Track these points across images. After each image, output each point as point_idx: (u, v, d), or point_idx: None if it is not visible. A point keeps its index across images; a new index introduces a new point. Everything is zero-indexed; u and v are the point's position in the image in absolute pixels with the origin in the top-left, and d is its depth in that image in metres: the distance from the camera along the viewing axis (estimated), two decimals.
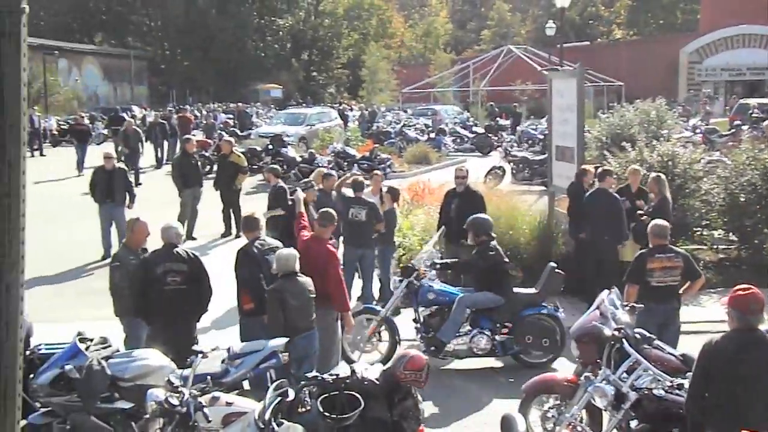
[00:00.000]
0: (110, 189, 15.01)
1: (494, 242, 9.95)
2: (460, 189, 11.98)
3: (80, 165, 26.88)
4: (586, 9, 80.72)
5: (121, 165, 17.38)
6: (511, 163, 24.37)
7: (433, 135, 34.04)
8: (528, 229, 13.01)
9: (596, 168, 12.60)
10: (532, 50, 51.59)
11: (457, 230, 11.64)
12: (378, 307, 10.41)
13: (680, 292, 8.42)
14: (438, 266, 10.23)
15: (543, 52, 49.07)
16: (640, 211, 11.59)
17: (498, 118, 41.79)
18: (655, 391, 6.18)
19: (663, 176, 11.80)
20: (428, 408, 6.70)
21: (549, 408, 7.16)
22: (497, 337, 9.65)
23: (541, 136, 29.54)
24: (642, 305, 7.55)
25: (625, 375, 6.36)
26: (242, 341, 8.17)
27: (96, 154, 23.55)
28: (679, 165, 13.50)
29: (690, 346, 6.79)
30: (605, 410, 6.42)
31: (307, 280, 8.05)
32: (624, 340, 6.44)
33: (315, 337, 8.05)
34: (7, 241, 2.75)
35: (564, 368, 8.89)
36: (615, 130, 17.52)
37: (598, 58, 51.58)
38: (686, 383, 5.72)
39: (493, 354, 9.62)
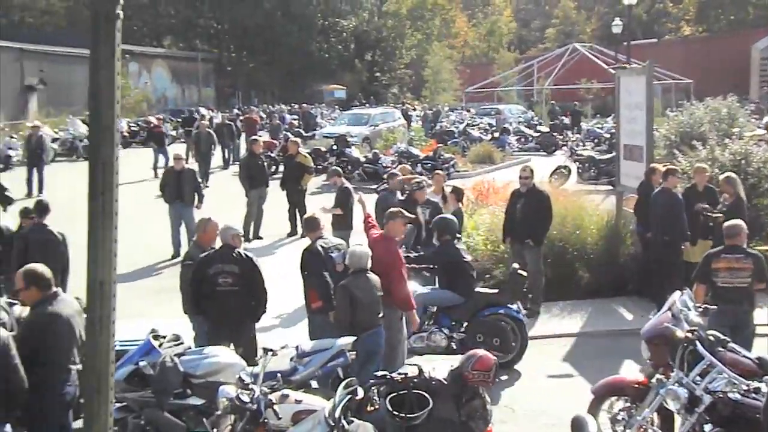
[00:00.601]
0: (180, 189, 15.29)
1: (458, 243, 10.18)
2: (524, 189, 11.87)
3: (155, 168, 26.72)
4: (654, 6, 79.26)
5: (190, 166, 17.68)
6: (577, 163, 24.08)
7: (496, 134, 33.86)
8: (595, 229, 12.84)
9: (664, 167, 12.37)
10: (598, 48, 50.91)
11: (522, 231, 11.58)
12: None
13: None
14: None
15: (609, 50, 48.37)
16: (708, 211, 11.31)
17: (563, 117, 41.32)
18: (730, 395, 6.04)
19: (735, 175, 11.53)
20: (495, 409, 6.66)
21: (619, 410, 7.05)
22: (455, 335, 9.71)
23: (608, 135, 29.13)
24: (715, 306, 7.39)
25: (698, 378, 6.23)
26: (310, 339, 8.26)
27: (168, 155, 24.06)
28: (752, 164, 13.18)
29: (766, 349, 6.62)
30: (678, 413, 6.31)
31: (375, 278, 8.10)
32: (697, 342, 6.31)
33: (381, 334, 8.08)
34: (102, 238, 2.83)
35: (631, 370, 8.76)
36: (684, 129, 17.17)
37: (666, 55, 50.56)
38: (763, 387, 5.59)
39: (451, 351, 9.32)
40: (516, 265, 10.29)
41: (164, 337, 7.69)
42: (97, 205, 2.85)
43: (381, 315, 8.06)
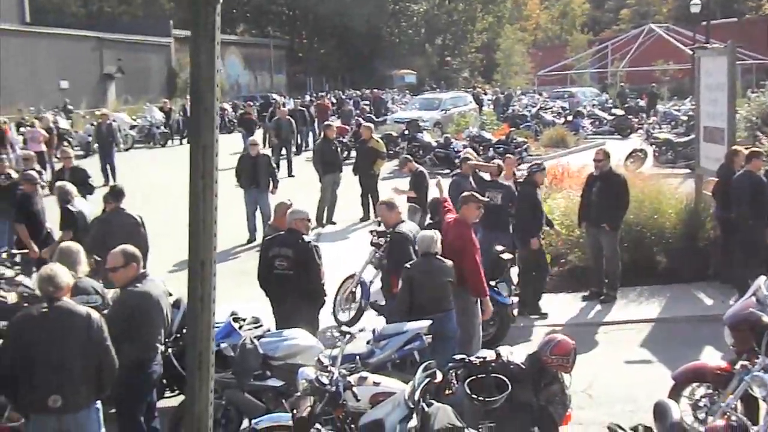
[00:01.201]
0: (255, 175, 15.50)
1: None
2: (599, 173, 11.67)
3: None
4: None
5: (265, 151, 17.91)
6: (654, 146, 23.58)
7: (570, 118, 33.40)
8: (673, 213, 12.59)
9: (747, 149, 12.04)
10: (675, 28, 49.70)
11: (597, 215, 11.42)
12: None
13: None
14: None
15: (687, 30, 47.16)
16: None
17: (638, 100, 40.48)
18: None
19: None
20: (573, 394, 6.60)
21: (701, 397, 6.94)
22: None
23: (685, 117, 28.46)
24: None
25: None
26: (387, 323, 8.32)
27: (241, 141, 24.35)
28: None
29: None
30: (764, 400, 6.17)
31: (445, 263, 8.08)
32: None
33: (451, 319, 8.01)
34: (203, 219, 2.91)
35: (712, 356, 8.60)
36: (766, 110, 16.69)
37: (747, 34, 49.02)
38: None
39: None
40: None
41: (244, 320, 7.86)
42: (197, 188, 2.92)
43: (448, 300, 8.01)
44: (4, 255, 9.94)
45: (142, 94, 46.50)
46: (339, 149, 18.71)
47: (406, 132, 26.71)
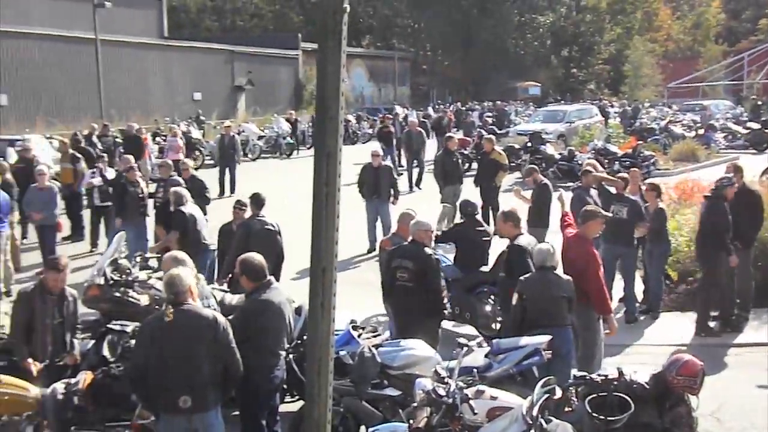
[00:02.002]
0: (377, 185, 15.65)
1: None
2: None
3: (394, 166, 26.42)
4: None
5: (387, 162, 18.05)
6: None
7: (701, 131, 32.26)
8: None
9: None
10: None
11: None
12: None
13: None
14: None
15: None
16: None
17: None
18: None
19: None
20: (700, 418, 6.35)
21: None
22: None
23: None
24: None
25: None
26: (503, 336, 8.22)
27: (364, 152, 24.57)
28: None
29: None
30: None
31: (561, 278, 7.93)
32: None
33: (562, 336, 7.72)
34: (325, 226, 2.96)
35: None
36: None
37: None
38: None
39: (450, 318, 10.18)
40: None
41: (363, 328, 7.95)
42: (321, 194, 2.97)
43: (563, 316, 7.81)
44: (138, 258, 10.41)
45: (270, 105, 47.79)
46: (460, 161, 18.65)
47: (529, 144, 26.43)
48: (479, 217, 11.43)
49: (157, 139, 29.04)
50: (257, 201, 10.35)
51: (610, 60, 76.00)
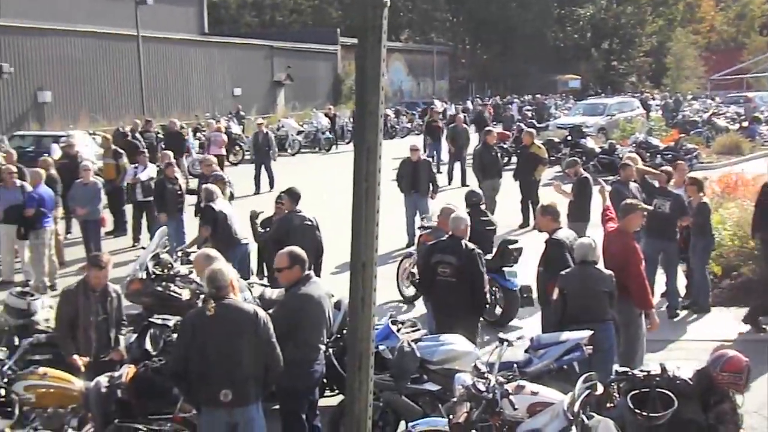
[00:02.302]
0: (415, 180, 15.63)
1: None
2: None
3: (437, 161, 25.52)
4: None
5: (426, 157, 18.01)
6: None
7: (745, 124, 31.73)
8: None
9: None
10: None
11: None
12: None
13: None
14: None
15: None
16: None
17: None
18: None
19: None
20: (746, 415, 6.24)
21: None
22: None
23: None
24: None
25: None
26: (544, 332, 8.17)
27: (403, 147, 24.54)
28: None
29: None
30: None
31: (603, 273, 7.84)
32: None
33: (603, 331, 7.64)
34: (364, 221, 2.95)
35: None
36: None
37: None
38: None
39: None
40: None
41: (402, 323, 7.93)
42: (360, 189, 2.96)
43: (604, 311, 7.73)
44: (180, 253, 10.52)
45: (309, 100, 47.95)
46: (499, 155, 18.55)
47: (569, 138, 26.23)
48: (483, 207, 11.67)
49: (198, 134, 29.30)
50: (293, 195, 10.38)
51: (651, 52, 75.10)
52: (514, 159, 22.42)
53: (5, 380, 6.60)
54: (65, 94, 33.14)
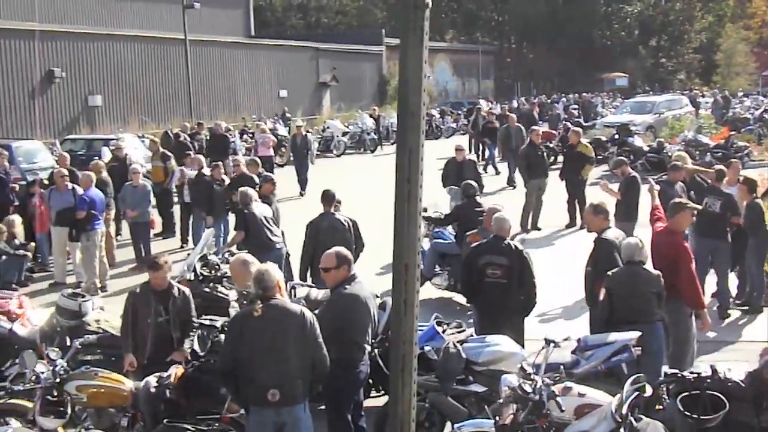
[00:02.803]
0: (461, 179, 15.51)
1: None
2: None
3: (492, 162, 25.84)
4: None
5: (471, 157, 17.92)
6: None
7: None
8: None
9: None
10: None
11: None
12: None
13: None
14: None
15: None
16: None
17: None
18: None
19: None
20: None
21: None
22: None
23: None
24: None
25: None
26: (591, 332, 8.09)
27: (447, 147, 24.47)
28: None
29: None
30: None
31: (651, 273, 7.74)
32: None
33: (652, 332, 7.53)
34: (407, 223, 2.95)
35: None
36: None
37: None
38: None
39: (452, 289, 11.81)
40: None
41: (447, 324, 7.91)
42: (403, 191, 2.95)
43: (652, 311, 7.63)
44: (227, 254, 10.62)
45: (354, 101, 48.10)
46: (545, 154, 18.39)
47: (617, 136, 25.94)
48: (479, 198, 12.49)
49: (244, 136, 29.56)
50: (328, 197, 10.41)
51: (701, 49, 73.86)
52: (560, 158, 22.17)
53: (58, 380, 6.72)
54: (115, 97, 33.68)
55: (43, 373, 6.65)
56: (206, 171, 15.14)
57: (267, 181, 13.06)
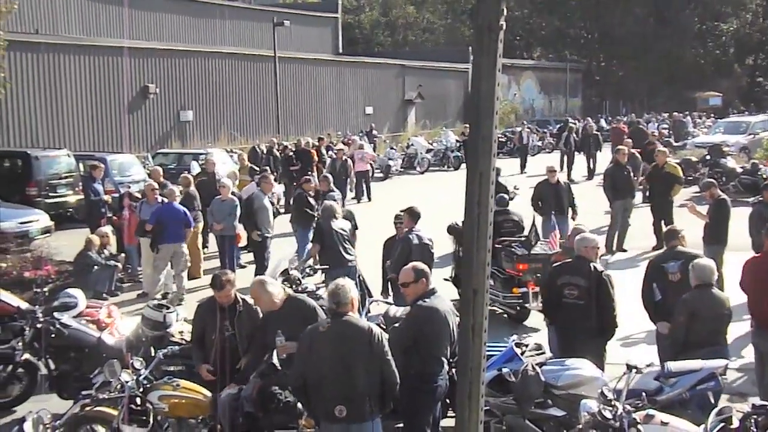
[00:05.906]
0: (557, 201, 15.15)
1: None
2: None
3: (591, 172, 27.71)
4: None
5: (563, 176, 17.65)
6: None
7: None
8: None
9: None
10: None
11: None
12: None
13: None
14: None
15: None
16: None
17: None
18: None
19: None
20: None
21: None
22: None
23: None
24: None
25: None
26: (659, 355, 7.91)
27: (533, 165, 24.32)
28: None
29: None
30: None
31: (722, 296, 7.60)
32: None
33: (722, 356, 7.32)
34: (476, 247, 2.93)
35: None
36: None
37: None
38: None
39: None
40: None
41: (526, 346, 7.81)
42: (472, 215, 2.93)
43: (724, 335, 7.51)
44: (308, 269, 10.73)
45: (439, 118, 48.15)
46: (631, 174, 18.02)
47: (708, 157, 25.24)
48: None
49: (329, 152, 29.92)
50: (413, 214, 10.45)
51: None
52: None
53: (141, 389, 6.89)
54: (206, 113, 34.53)
55: (127, 382, 6.83)
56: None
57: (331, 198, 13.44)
